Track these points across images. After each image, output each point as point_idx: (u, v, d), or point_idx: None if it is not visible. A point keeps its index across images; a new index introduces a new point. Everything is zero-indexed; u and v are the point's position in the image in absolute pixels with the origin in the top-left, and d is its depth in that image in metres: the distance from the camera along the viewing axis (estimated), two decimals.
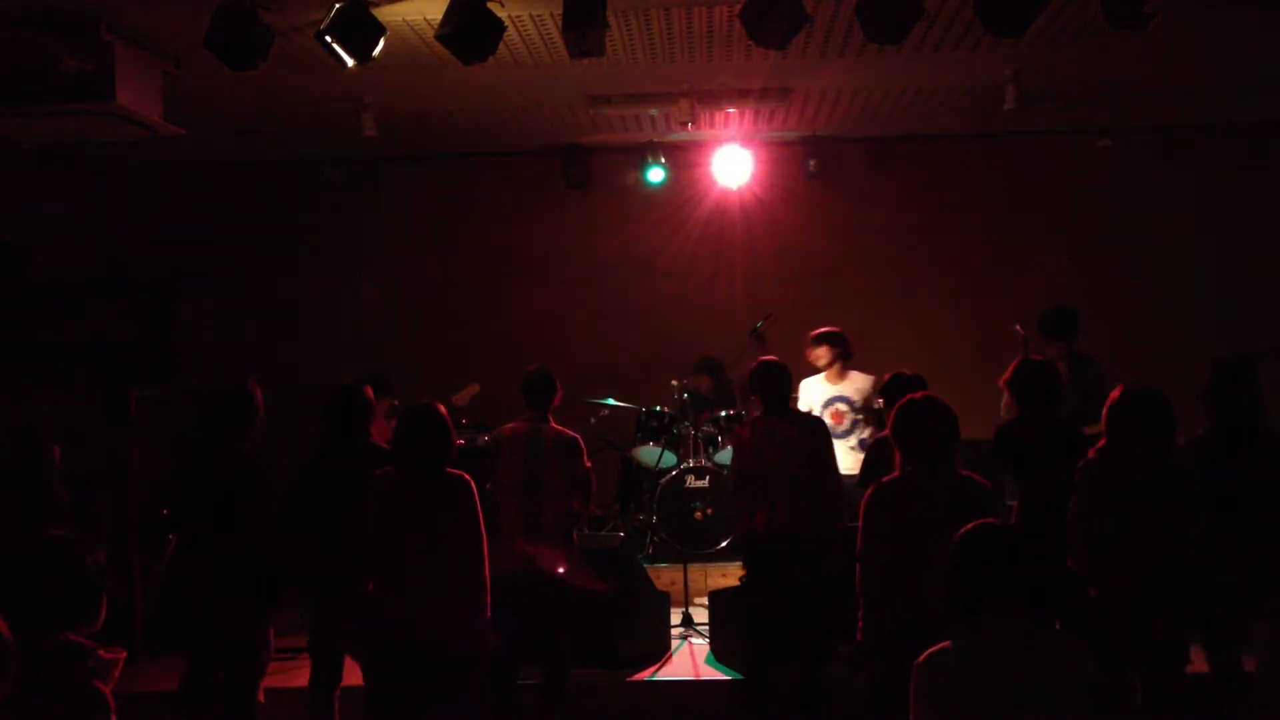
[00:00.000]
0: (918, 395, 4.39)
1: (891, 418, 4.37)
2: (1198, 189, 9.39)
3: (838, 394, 7.30)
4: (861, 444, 7.07)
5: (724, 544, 7.76)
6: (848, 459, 6.80)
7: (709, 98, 7.91)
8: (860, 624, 4.34)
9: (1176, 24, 6.18)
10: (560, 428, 5.67)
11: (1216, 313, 9.20)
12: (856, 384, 7.32)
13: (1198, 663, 4.78)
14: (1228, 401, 4.88)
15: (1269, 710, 3.09)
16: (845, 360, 7.33)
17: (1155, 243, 9.43)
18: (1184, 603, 4.51)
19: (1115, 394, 4.63)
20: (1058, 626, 4.79)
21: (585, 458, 5.69)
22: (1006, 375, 5.62)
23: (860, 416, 7.25)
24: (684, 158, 9.46)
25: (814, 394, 7.36)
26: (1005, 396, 5.80)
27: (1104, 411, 4.64)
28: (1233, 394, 4.87)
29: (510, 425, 5.72)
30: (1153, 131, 9.31)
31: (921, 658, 2.89)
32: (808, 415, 6.31)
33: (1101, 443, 4.64)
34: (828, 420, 6.93)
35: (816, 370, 7.40)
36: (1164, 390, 4.62)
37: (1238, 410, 4.86)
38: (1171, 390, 4.66)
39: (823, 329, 7.38)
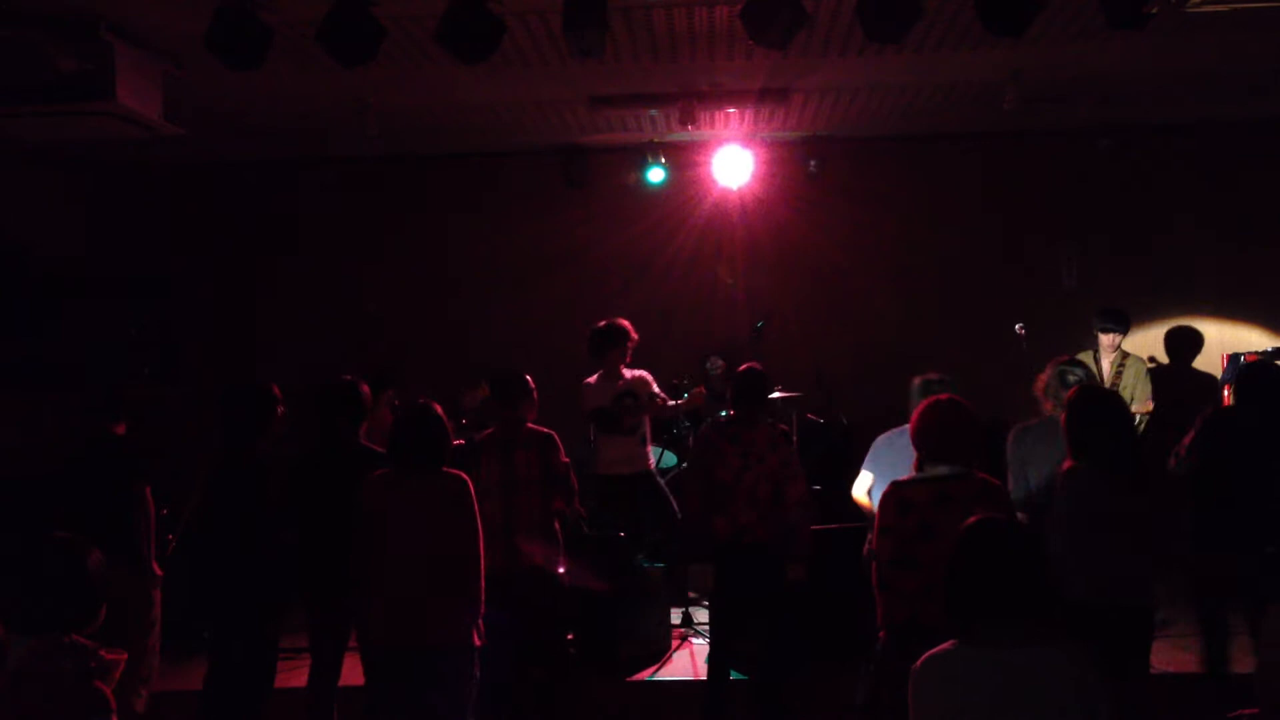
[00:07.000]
0: (943, 397, 4.38)
1: (915, 418, 4.36)
2: (1198, 188, 9.39)
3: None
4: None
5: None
6: None
7: (709, 98, 7.90)
8: (880, 621, 4.34)
9: (1176, 24, 6.19)
10: (535, 426, 5.70)
11: (1216, 311, 9.20)
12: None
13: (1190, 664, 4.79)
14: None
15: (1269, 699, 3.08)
16: None
17: (1155, 241, 9.43)
18: None
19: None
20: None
21: (562, 453, 5.70)
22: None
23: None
24: (684, 158, 9.45)
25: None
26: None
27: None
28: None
29: (488, 429, 5.79)
30: (1153, 131, 9.31)
31: (921, 659, 2.89)
32: (774, 425, 6.26)
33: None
34: None
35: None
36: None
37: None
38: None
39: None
